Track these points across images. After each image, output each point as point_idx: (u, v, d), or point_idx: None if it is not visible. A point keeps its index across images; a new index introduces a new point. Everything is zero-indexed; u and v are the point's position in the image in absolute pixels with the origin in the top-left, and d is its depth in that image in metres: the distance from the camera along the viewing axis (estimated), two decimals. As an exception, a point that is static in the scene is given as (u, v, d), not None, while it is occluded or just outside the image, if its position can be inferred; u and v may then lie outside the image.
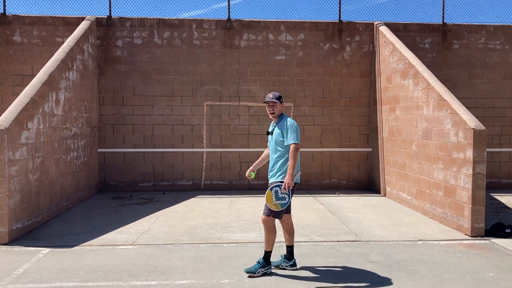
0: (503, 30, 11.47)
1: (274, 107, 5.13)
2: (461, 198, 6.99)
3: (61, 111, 8.30)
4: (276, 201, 4.85)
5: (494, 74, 11.43)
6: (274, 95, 5.15)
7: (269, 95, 5.17)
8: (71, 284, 4.80)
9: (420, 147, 8.48)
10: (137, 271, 5.18)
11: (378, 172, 10.69)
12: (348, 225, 7.44)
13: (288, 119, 5.11)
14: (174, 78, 10.85)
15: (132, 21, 10.79)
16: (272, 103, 5.12)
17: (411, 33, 11.27)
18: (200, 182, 10.96)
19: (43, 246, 6.14)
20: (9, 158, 6.29)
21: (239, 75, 10.96)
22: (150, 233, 6.86)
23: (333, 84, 11.15)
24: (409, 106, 8.98)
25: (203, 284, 4.78)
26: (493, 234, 6.77)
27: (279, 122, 5.13)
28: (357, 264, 5.46)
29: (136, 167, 10.82)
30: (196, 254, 5.81)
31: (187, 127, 10.83)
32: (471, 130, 6.72)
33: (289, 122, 5.04)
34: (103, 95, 10.74)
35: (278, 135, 5.05)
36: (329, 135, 11.19)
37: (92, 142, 10.23)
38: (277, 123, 5.14)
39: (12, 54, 10.54)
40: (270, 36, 11.01)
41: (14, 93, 10.30)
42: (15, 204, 6.45)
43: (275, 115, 5.16)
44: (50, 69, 7.92)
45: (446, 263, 5.52)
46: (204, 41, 10.89)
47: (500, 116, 11.42)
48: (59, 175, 8.14)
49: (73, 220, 7.73)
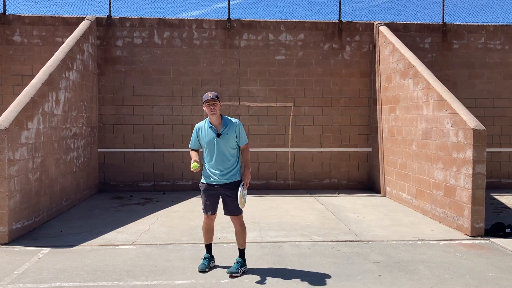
0: (503, 30, 11.47)
1: (215, 105, 5.04)
2: (461, 198, 6.99)
3: (61, 111, 8.30)
4: (243, 199, 5.03)
5: (494, 74, 11.44)
6: (213, 94, 5.03)
7: (208, 93, 5.03)
8: (71, 284, 4.80)
9: (420, 147, 8.48)
10: (137, 271, 5.18)
11: (378, 172, 10.69)
12: (348, 225, 7.44)
13: (234, 119, 5.18)
14: (174, 78, 10.85)
15: (132, 21, 10.80)
16: (212, 101, 5.01)
17: (411, 33, 11.27)
18: (200, 182, 10.94)
19: (43, 246, 6.14)
20: (9, 158, 6.29)
21: (239, 75, 10.96)
22: (150, 233, 6.86)
23: (333, 84, 11.15)
24: (409, 106, 8.98)
25: (203, 284, 4.79)
26: (493, 234, 6.77)
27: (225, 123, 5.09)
28: (357, 264, 5.46)
29: (136, 167, 10.82)
30: (196, 254, 5.81)
31: (187, 127, 10.82)
32: (471, 130, 6.72)
33: (239, 122, 5.16)
34: (103, 95, 10.74)
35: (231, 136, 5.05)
36: (329, 135, 11.19)
37: (92, 142, 10.23)
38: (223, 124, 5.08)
39: (12, 54, 10.54)
40: (270, 36, 11.02)
41: (14, 93, 10.30)
42: (15, 204, 6.45)
43: (217, 114, 5.06)
44: (50, 69, 7.92)
45: (446, 263, 5.52)
46: (204, 41, 10.89)
47: (500, 116, 11.42)
48: (59, 175, 8.14)
49: (73, 220, 7.73)
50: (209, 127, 5.09)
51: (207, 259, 5.27)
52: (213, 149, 5.05)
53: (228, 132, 5.05)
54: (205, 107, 5.05)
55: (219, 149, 5.04)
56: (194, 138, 5.23)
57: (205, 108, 5.06)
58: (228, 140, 5.04)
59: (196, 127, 5.22)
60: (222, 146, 5.04)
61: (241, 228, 5.15)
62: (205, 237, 5.33)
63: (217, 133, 5.04)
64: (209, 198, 5.17)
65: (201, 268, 5.15)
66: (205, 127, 5.13)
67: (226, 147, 5.05)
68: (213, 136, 5.04)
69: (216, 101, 5.02)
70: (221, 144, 5.03)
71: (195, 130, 5.22)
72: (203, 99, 5.03)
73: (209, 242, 5.33)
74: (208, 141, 5.08)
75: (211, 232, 5.30)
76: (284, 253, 5.91)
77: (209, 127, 5.09)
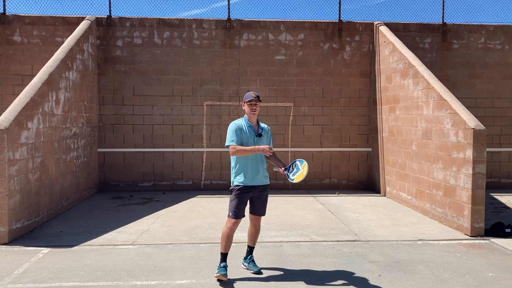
0: (503, 30, 11.47)
1: (257, 106, 5.00)
2: (461, 198, 6.99)
3: (61, 111, 8.30)
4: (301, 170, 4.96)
5: (494, 74, 11.44)
6: (255, 94, 4.99)
7: (251, 93, 4.99)
8: (71, 284, 4.80)
9: (420, 147, 8.48)
10: (137, 271, 5.19)
11: (378, 172, 10.69)
12: (348, 225, 7.44)
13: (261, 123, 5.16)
14: (174, 78, 10.86)
15: (132, 21, 10.80)
16: (255, 101, 4.98)
17: (411, 33, 11.27)
18: (200, 182, 10.97)
19: (43, 246, 6.14)
20: (9, 158, 6.29)
21: (239, 75, 10.96)
22: (150, 233, 6.86)
23: (333, 84, 11.15)
24: (409, 106, 8.98)
25: (203, 284, 4.79)
26: (493, 234, 6.77)
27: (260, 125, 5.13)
28: (357, 264, 5.47)
29: (136, 167, 10.82)
30: (196, 254, 5.81)
31: (187, 127, 10.83)
32: (471, 130, 6.72)
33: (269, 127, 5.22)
34: (103, 95, 10.74)
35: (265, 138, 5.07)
36: (329, 135, 11.20)
37: (92, 142, 10.23)
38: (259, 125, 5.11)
39: (12, 54, 10.54)
40: (270, 36, 11.02)
41: (14, 93, 10.30)
42: (15, 204, 6.45)
43: (256, 114, 5.04)
44: (50, 69, 7.92)
45: (446, 263, 5.52)
46: (204, 41, 10.89)
47: (500, 116, 11.42)
48: (59, 175, 8.14)
49: (73, 220, 7.73)
50: (248, 126, 5.02)
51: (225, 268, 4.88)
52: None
53: (263, 134, 5.06)
54: (246, 106, 4.99)
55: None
56: (235, 132, 4.94)
57: (246, 107, 4.99)
58: (263, 142, 5.03)
59: (235, 124, 5.01)
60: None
61: (260, 227, 5.27)
62: (227, 245, 4.94)
63: (257, 133, 5.01)
64: (244, 201, 5.01)
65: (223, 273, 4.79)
66: (244, 126, 5.02)
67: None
68: (254, 135, 4.99)
69: (258, 102, 5.00)
70: (260, 144, 4.99)
71: (235, 127, 4.97)
72: (245, 98, 4.99)
73: (228, 250, 4.98)
74: (248, 139, 4.97)
75: (232, 239, 4.99)
76: (284, 253, 5.91)
77: (248, 125, 5.02)
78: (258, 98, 5.00)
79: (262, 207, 5.16)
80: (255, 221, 5.19)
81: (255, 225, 5.20)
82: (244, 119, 5.07)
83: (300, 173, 4.89)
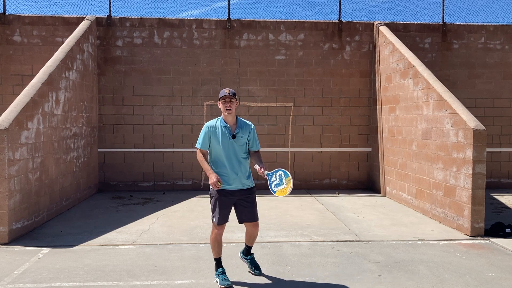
0: (503, 30, 11.47)
1: (231, 103, 4.64)
2: (461, 198, 6.99)
3: (61, 111, 8.30)
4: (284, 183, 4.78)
5: (494, 74, 11.44)
6: (230, 91, 4.63)
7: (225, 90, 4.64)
8: (71, 284, 4.80)
9: (420, 147, 8.48)
10: (137, 271, 5.18)
11: (378, 172, 10.69)
12: (348, 225, 7.44)
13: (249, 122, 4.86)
14: (174, 78, 10.86)
15: (132, 21, 10.80)
16: (229, 98, 4.62)
17: (411, 33, 11.27)
18: (200, 182, 10.97)
19: (43, 246, 6.14)
20: (9, 158, 6.29)
21: (239, 75, 10.97)
22: (150, 233, 6.86)
23: (333, 84, 11.15)
24: (409, 106, 8.98)
25: (203, 284, 4.79)
26: (493, 234, 6.77)
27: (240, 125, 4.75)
28: (357, 264, 5.47)
29: (136, 167, 10.82)
30: (196, 254, 5.81)
31: (187, 127, 10.83)
32: (471, 130, 6.72)
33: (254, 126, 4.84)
34: (103, 95, 10.74)
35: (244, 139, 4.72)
36: (329, 135, 11.20)
37: (92, 142, 10.23)
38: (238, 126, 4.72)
39: (12, 54, 10.54)
40: (270, 36, 11.02)
41: (14, 93, 10.30)
42: (15, 204, 6.45)
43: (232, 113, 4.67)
44: (50, 69, 7.92)
45: (446, 263, 5.52)
46: (204, 41, 10.90)
47: (500, 116, 11.42)
48: (59, 175, 8.14)
49: (73, 220, 7.73)
50: (223, 126, 4.66)
51: (224, 273, 4.78)
52: (228, 151, 4.65)
53: (242, 135, 4.69)
54: (220, 104, 4.65)
55: (235, 151, 4.66)
56: (205, 137, 4.68)
57: (220, 105, 4.66)
58: (242, 143, 4.69)
59: (207, 125, 4.71)
60: (237, 149, 4.67)
61: (258, 231, 4.93)
62: (218, 250, 4.78)
63: (232, 134, 4.64)
64: (225, 206, 4.67)
65: (228, 284, 4.66)
66: (219, 127, 4.67)
67: (240, 151, 4.69)
68: (228, 137, 4.64)
69: (233, 98, 4.62)
70: (235, 146, 4.65)
71: (206, 129, 4.69)
72: (219, 95, 4.67)
73: (220, 254, 4.83)
74: (222, 142, 4.63)
75: (221, 243, 4.81)
76: (284, 253, 5.91)
77: (223, 126, 4.67)
78: (234, 95, 4.63)
79: (250, 213, 4.77)
80: (249, 228, 4.85)
81: (252, 231, 4.87)
82: (220, 119, 4.72)
83: (283, 188, 4.62)
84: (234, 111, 4.68)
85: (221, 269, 4.79)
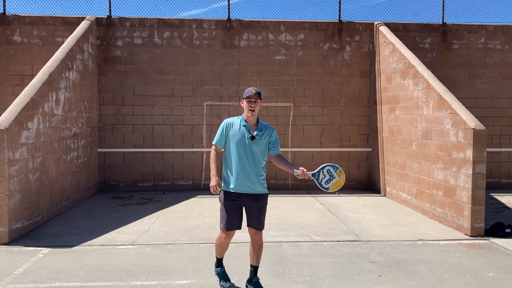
0: (503, 30, 11.47)
1: (256, 104, 4.40)
2: (461, 198, 7.00)
3: (61, 111, 8.30)
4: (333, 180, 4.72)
5: (494, 74, 11.44)
6: (256, 90, 4.38)
7: (251, 89, 4.39)
8: (71, 284, 4.80)
9: (420, 147, 8.48)
10: (137, 271, 5.18)
11: (378, 172, 10.69)
12: (348, 225, 7.44)
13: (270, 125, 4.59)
14: (174, 78, 10.86)
15: (132, 21, 10.80)
16: (254, 98, 4.38)
17: (411, 33, 11.27)
18: (200, 182, 10.97)
19: (43, 246, 6.14)
20: (9, 158, 6.29)
21: (239, 75, 10.97)
22: (150, 233, 6.86)
23: (333, 84, 11.15)
24: (409, 106, 8.98)
25: (203, 284, 4.79)
26: (493, 234, 6.77)
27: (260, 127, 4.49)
28: (357, 264, 5.47)
29: (136, 167, 10.82)
30: (196, 254, 5.81)
31: (187, 127, 10.83)
32: (471, 130, 6.72)
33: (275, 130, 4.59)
34: (103, 95, 10.74)
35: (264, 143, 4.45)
36: (329, 135, 11.20)
37: (92, 142, 10.23)
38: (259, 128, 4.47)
39: (12, 54, 10.55)
40: (270, 36, 11.02)
41: (14, 93, 10.31)
42: (15, 204, 6.45)
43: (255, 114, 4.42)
44: (50, 69, 7.92)
45: (446, 263, 5.52)
46: (204, 41, 10.90)
47: (500, 116, 11.42)
48: (59, 175, 8.14)
49: (73, 220, 7.73)
50: (243, 125, 4.41)
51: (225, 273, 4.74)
52: (243, 151, 4.36)
53: (262, 137, 4.40)
54: (244, 103, 4.40)
55: (252, 153, 4.38)
56: (222, 133, 4.45)
57: (244, 104, 4.40)
58: (260, 146, 4.40)
59: (226, 121, 4.49)
60: (255, 151, 4.38)
61: (262, 242, 4.52)
62: (222, 252, 4.67)
63: (251, 135, 4.37)
64: (231, 211, 4.40)
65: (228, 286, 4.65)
66: (238, 125, 4.43)
67: (258, 154, 4.41)
68: (246, 136, 4.37)
69: (258, 99, 4.38)
70: (253, 148, 4.37)
71: (224, 125, 4.47)
72: (244, 94, 4.42)
73: (223, 255, 4.75)
74: (239, 140, 4.37)
75: (226, 247, 4.64)
76: (284, 253, 5.91)
77: (243, 125, 4.41)
78: (259, 95, 4.39)
79: (257, 220, 4.44)
80: (252, 235, 4.49)
81: (256, 240, 4.47)
82: (241, 117, 4.49)
83: (336, 181, 4.48)
84: (257, 112, 4.44)
85: (220, 269, 4.76)
